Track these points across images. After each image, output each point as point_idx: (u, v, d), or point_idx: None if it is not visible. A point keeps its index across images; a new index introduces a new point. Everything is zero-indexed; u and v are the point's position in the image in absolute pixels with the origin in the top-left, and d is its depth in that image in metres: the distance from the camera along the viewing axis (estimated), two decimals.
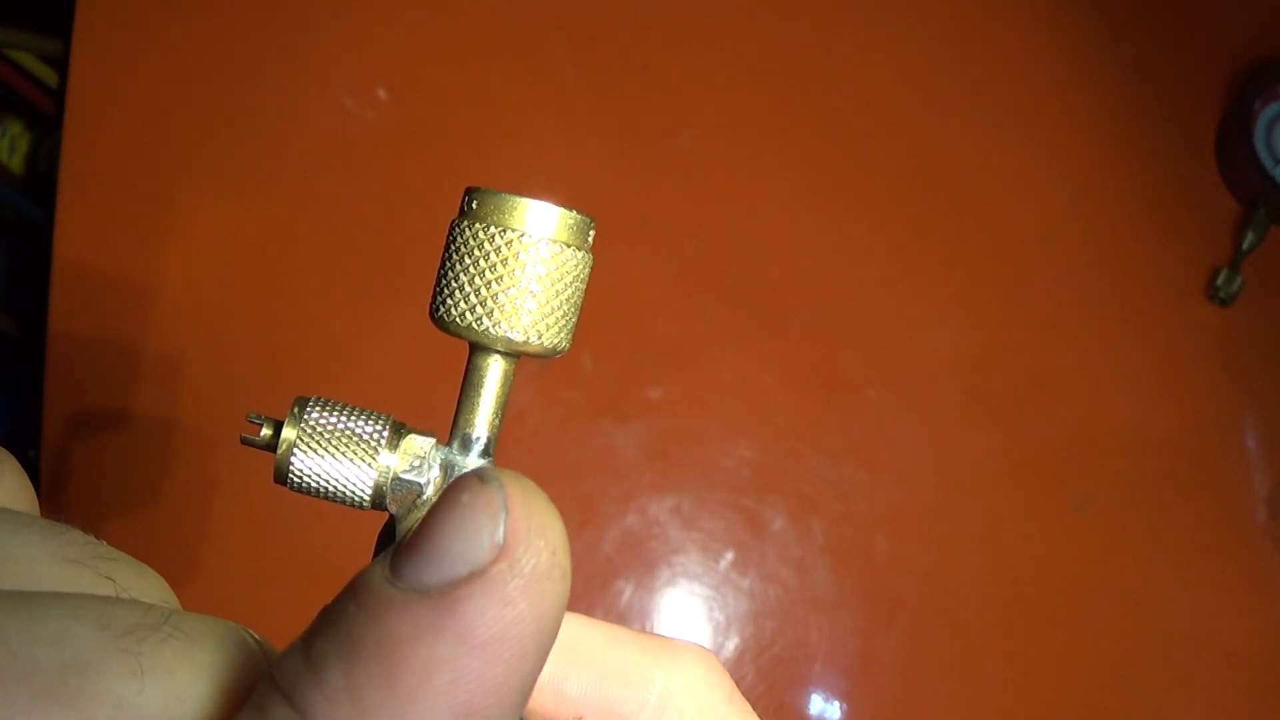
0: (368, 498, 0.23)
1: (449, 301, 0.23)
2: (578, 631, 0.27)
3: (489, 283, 0.22)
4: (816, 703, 0.63)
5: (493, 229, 0.22)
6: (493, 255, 0.22)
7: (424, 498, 0.23)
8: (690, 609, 0.63)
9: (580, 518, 0.64)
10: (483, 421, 0.23)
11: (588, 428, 0.65)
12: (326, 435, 0.23)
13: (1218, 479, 0.67)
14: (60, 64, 0.78)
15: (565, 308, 0.23)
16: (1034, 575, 0.65)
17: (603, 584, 0.63)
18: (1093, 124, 0.71)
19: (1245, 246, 0.68)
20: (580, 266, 0.23)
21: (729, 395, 0.66)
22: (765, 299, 0.68)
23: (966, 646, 0.64)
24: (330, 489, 0.23)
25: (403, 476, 0.23)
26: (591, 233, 0.24)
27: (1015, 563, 0.65)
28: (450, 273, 0.23)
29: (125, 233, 0.67)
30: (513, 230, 0.22)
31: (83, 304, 0.66)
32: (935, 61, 0.71)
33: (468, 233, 0.23)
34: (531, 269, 0.22)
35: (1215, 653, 0.64)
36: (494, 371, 0.23)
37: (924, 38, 0.72)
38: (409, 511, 0.23)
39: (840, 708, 0.62)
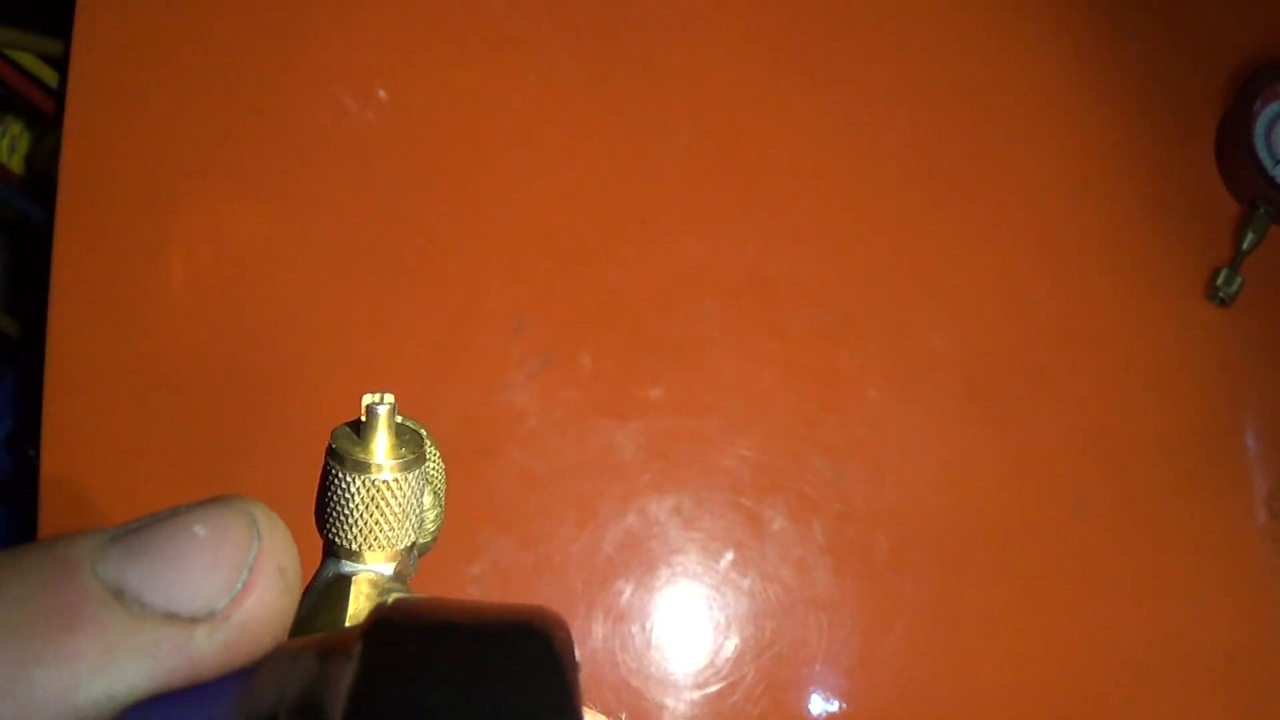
0: None
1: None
2: None
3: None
4: (816, 702, 0.62)
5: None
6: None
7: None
8: (690, 609, 0.63)
9: (580, 518, 0.64)
10: None
11: (588, 428, 0.65)
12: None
13: (1218, 479, 0.67)
14: (60, 64, 0.78)
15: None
16: (1034, 575, 0.65)
17: (603, 584, 0.63)
18: (1092, 123, 0.71)
19: (1245, 246, 0.68)
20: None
21: (729, 395, 0.66)
22: (765, 299, 0.68)
23: (966, 646, 0.64)
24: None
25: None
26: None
27: (1015, 563, 0.65)
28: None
29: (125, 233, 0.67)
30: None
31: (83, 304, 0.66)
32: (935, 60, 0.71)
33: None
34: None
35: (1215, 653, 0.64)
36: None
37: (923, 37, 0.72)
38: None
39: (840, 707, 0.62)
